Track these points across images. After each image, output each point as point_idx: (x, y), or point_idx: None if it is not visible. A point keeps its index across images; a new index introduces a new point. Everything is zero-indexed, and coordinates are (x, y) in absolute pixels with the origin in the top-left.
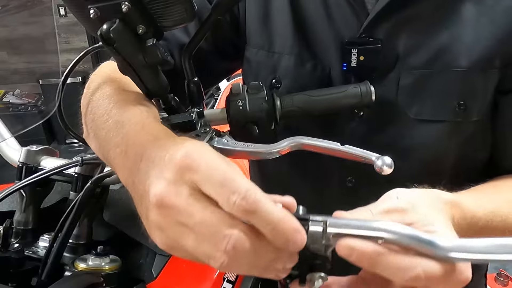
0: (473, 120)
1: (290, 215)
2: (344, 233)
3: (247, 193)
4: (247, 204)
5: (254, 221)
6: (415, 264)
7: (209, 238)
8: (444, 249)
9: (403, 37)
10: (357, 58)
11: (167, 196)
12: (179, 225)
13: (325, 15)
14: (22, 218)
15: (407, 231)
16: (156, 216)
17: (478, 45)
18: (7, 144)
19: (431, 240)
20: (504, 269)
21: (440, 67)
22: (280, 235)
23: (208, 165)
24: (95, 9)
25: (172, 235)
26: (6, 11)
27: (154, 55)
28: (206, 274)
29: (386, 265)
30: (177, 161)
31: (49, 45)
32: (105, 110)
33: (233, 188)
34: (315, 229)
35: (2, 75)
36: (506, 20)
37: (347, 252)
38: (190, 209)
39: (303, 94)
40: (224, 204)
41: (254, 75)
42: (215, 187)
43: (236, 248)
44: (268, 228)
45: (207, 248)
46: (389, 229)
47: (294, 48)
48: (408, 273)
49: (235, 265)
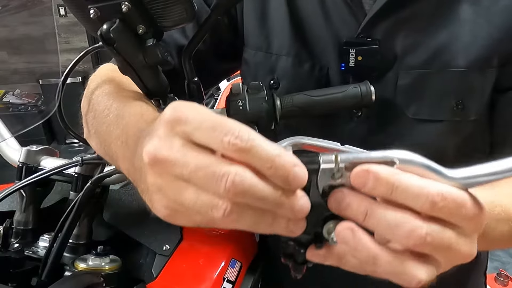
0: (471, 119)
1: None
2: (357, 162)
3: (240, 132)
4: (241, 142)
5: (251, 160)
6: (434, 183)
7: (207, 182)
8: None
9: (400, 37)
10: (355, 58)
11: (160, 151)
12: (176, 179)
13: (322, 15)
14: (22, 218)
15: (418, 159)
16: (152, 177)
17: (475, 45)
18: (7, 144)
19: (440, 169)
20: (504, 269)
21: (438, 66)
22: (279, 171)
23: (197, 114)
24: (95, 9)
25: (171, 193)
26: (6, 11)
27: (154, 55)
28: (206, 274)
29: (405, 187)
30: (165, 118)
31: (49, 45)
32: (106, 106)
33: (225, 130)
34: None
35: (2, 75)
36: (503, 20)
37: (362, 179)
38: (184, 159)
39: (303, 94)
40: (218, 147)
41: (252, 76)
42: (207, 132)
43: (236, 184)
44: (266, 166)
45: (207, 196)
46: (400, 157)
47: (291, 49)
48: (431, 191)
49: (239, 212)
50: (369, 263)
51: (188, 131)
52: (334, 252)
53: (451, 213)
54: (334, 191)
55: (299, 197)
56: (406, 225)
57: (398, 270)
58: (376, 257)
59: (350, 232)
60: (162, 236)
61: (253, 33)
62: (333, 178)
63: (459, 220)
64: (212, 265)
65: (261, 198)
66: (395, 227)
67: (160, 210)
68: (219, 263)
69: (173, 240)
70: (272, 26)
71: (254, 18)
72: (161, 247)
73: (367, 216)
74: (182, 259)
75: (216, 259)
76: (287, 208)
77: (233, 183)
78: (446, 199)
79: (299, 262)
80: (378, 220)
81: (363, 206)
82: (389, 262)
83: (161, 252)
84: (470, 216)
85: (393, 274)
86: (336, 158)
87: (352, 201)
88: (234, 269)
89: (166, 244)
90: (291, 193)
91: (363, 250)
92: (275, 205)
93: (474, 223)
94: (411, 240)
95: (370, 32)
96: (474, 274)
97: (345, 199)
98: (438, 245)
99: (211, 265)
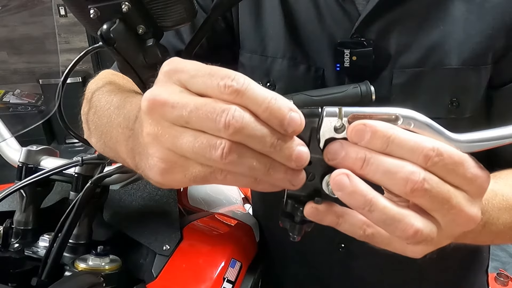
0: (467, 116)
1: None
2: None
3: (236, 76)
4: (238, 84)
5: (246, 102)
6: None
7: (206, 120)
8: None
9: (394, 37)
10: (349, 59)
11: (159, 95)
12: (174, 125)
13: (316, 17)
14: (22, 218)
15: (422, 117)
16: (150, 124)
17: (468, 42)
18: (7, 144)
19: (443, 130)
20: (504, 269)
21: (432, 65)
22: (274, 113)
23: (194, 64)
24: (95, 9)
25: (168, 139)
26: (6, 11)
27: (154, 55)
28: (206, 274)
29: (401, 141)
30: (164, 69)
31: (49, 45)
32: (107, 101)
33: (221, 75)
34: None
35: (2, 75)
36: (495, 16)
37: (359, 132)
38: (183, 100)
39: (302, 94)
40: (215, 91)
41: None
42: (203, 78)
43: (236, 119)
44: (262, 108)
45: (206, 137)
46: (404, 114)
47: (287, 51)
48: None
49: (238, 152)
50: (365, 209)
51: (185, 79)
52: (332, 209)
53: (447, 170)
54: (331, 142)
55: (297, 144)
56: (403, 169)
57: (394, 216)
58: (372, 200)
59: (345, 177)
60: (162, 236)
61: (248, 36)
62: (336, 131)
63: (459, 179)
64: (212, 265)
65: (259, 137)
66: (393, 173)
67: (156, 163)
68: (219, 263)
69: (173, 240)
70: (267, 29)
71: (249, 22)
72: (161, 247)
73: (365, 162)
74: (182, 259)
75: (216, 259)
76: (284, 153)
77: (233, 117)
78: (441, 155)
79: (297, 222)
80: (376, 166)
81: (361, 153)
82: (385, 207)
83: (161, 252)
84: (470, 177)
85: (389, 221)
86: (340, 111)
87: (349, 150)
88: (234, 269)
89: (166, 244)
90: (289, 139)
91: (359, 194)
92: (272, 148)
93: (476, 186)
94: (409, 185)
95: (364, 33)
96: (476, 271)
97: (343, 148)
98: (437, 195)
99: (211, 265)
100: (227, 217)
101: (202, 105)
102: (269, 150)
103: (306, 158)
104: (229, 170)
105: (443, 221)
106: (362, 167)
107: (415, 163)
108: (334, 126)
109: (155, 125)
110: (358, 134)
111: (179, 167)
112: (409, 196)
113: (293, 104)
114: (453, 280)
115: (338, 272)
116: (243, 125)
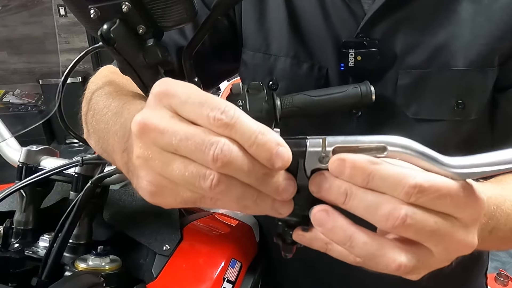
0: (472, 118)
1: (271, 130)
2: (345, 146)
3: (226, 108)
4: (227, 118)
5: (235, 136)
6: (415, 174)
7: (196, 151)
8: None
9: (400, 37)
10: (354, 59)
11: (149, 119)
12: (164, 151)
13: (321, 15)
14: (22, 218)
15: (412, 144)
16: (140, 149)
17: (475, 44)
18: (7, 144)
19: (436, 156)
20: (504, 269)
21: (438, 66)
22: (262, 148)
23: (185, 89)
24: (95, 9)
25: (158, 165)
26: (6, 11)
27: (154, 55)
28: (206, 274)
29: (381, 177)
30: (154, 91)
31: (49, 45)
32: (105, 105)
33: (212, 105)
34: (314, 148)
35: (2, 75)
36: (503, 18)
37: (339, 167)
38: (173, 128)
39: (303, 94)
40: (204, 122)
41: (251, 77)
42: (194, 106)
43: (224, 153)
44: (250, 142)
45: (195, 166)
46: (392, 142)
47: (290, 50)
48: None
49: (227, 183)
50: (346, 244)
51: (175, 105)
52: (320, 236)
53: (433, 203)
54: (315, 173)
55: (283, 178)
56: (385, 206)
57: (375, 252)
58: (352, 236)
59: (325, 214)
60: (162, 236)
61: (251, 34)
62: (321, 162)
63: (448, 208)
64: (212, 265)
65: (246, 171)
66: (374, 208)
67: (146, 187)
68: (219, 263)
69: (173, 240)
70: (270, 27)
71: (252, 20)
72: (161, 247)
73: (347, 197)
74: (182, 259)
75: (216, 259)
76: (271, 187)
77: (221, 151)
78: (424, 190)
79: (288, 243)
80: (358, 201)
81: (344, 188)
82: (365, 243)
83: (161, 252)
84: (461, 205)
85: (370, 257)
86: (323, 142)
87: (332, 183)
88: (234, 269)
89: (166, 244)
90: (276, 173)
91: (338, 230)
92: (260, 182)
93: (469, 213)
94: (390, 221)
95: (369, 32)
96: (475, 274)
97: (326, 181)
98: (422, 228)
99: (211, 265)
100: (227, 217)
101: (191, 135)
102: (256, 183)
103: (292, 192)
104: (217, 197)
105: (435, 250)
106: (344, 202)
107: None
108: (319, 157)
109: (145, 149)
110: (338, 169)
111: (169, 191)
112: (393, 231)
113: (280, 138)
114: (453, 283)
115: (338, 273)
116: (231, 159)
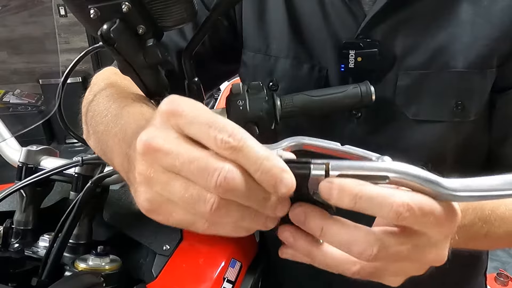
0: (471, 119)
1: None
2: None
3: (234, 131)
4: (234, 141)
5: (241, 160)
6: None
7: (198, 175)
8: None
9: (400, 38)
10: (354, 60)
11: (154, 139)
12: (166, 171)
13: (321, 16)
14: (22, 218)
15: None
16: (143, 166)
17: (475, 45)
18: (7, 144)
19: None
20: (504, 269)
21: (438, 67)
22: (267, 175)
23: (193, 109)
24: (95, 9)
25: (159, 185)
26: (6, 11)
27: (154, 55)
28: (206, 274)
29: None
30: (161, 109)
31: (49, 45)
32: (105, 107)
33: (219, 127)
34: (317, 172)
35: (2, 75)
36: (502, 19)
37: (328, 191)
38: (177, 149)
39: (303, 94)
40: (211, 143)
41: (251, 78)
42: (201, 127)
43: (228, 181)
44: (255, 167)
45: (196, 189)
46: (394, 169)
47: (290, 51)
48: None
49: (226, 207)
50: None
51: (182, 125)
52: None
53: (417, 221)
54: (293, 205)
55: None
56: (356, 247)
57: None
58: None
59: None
60: (162, 236)
61: (251, 35)
62: None
63: (426, 227)
64: (212, 265)
65: (247, 197)
66: (347, 246)
67: (143, 203)
68: (219, 263)
69: (173, 240)
70: (270, 28)
71: (252, 21)
72: (161, 247)
73: (322, 232)
74: (182, 259)
75: (216, 259)
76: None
77: (225, 179)
78: (411, 209)
79: None
80: (331, 237)
81: (318, 224)
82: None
83: (161, 252)
84: (439, 223)
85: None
86: (327, 168)
87: (309, 217)
88: (234, 269)
89: (166, 244)
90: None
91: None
92: (260, 204)
93: (444, 231)
94: (363, 259)
95: (370, 33)
96: (474, 275)
97: (303, 215)
98: (392, 259)
99: (211, 265)
100: None
101: (195, 159)
102: (256, 206)
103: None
104: (213, 220)
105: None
106: (320, 235)
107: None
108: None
109: (147, 167)
110: (327, 193)
111: (164, 210)
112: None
113: (284, 163)
114: (452, 283)
115: None
116: (234, 187)
